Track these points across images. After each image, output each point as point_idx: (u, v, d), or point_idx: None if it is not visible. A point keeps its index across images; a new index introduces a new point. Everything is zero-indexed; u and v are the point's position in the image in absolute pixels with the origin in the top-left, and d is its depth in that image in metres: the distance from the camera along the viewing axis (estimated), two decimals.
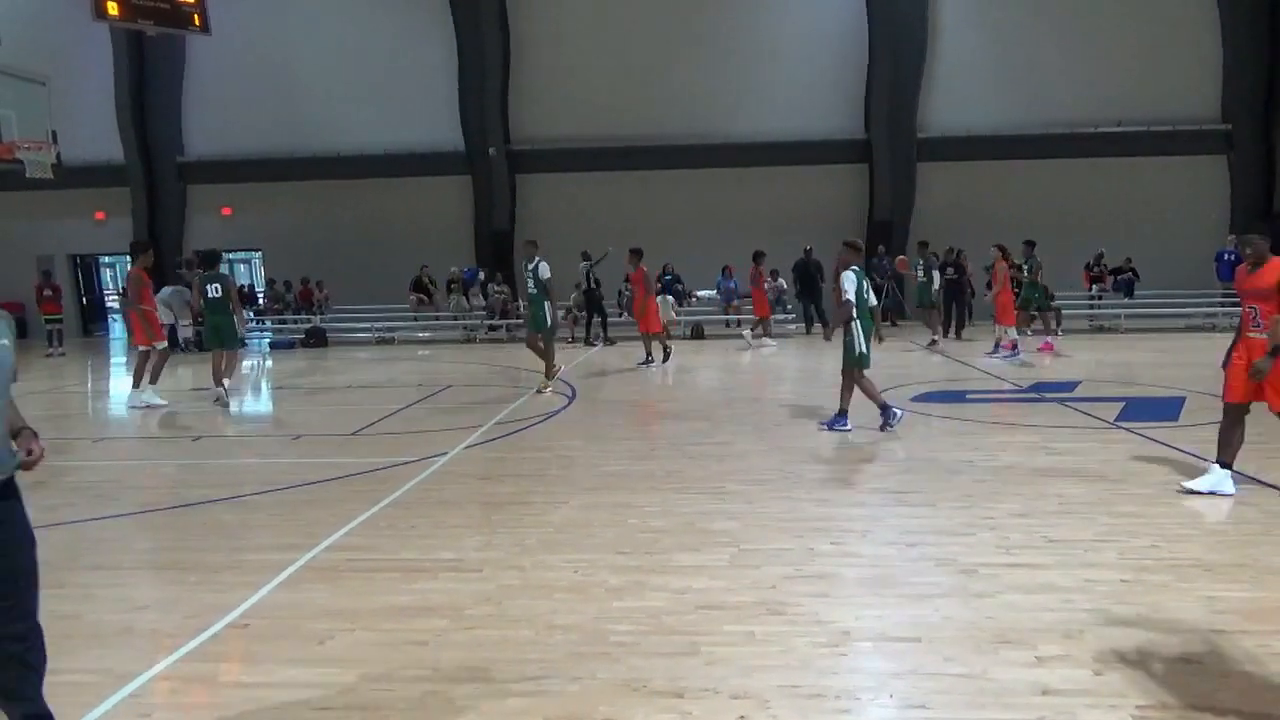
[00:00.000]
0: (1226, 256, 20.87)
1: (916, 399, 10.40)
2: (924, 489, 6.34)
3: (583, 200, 23.08)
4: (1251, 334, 5.80)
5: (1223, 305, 19.61)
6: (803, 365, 14.81)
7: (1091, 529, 5.31)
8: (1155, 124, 21.98)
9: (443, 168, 23.37)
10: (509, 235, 23.34)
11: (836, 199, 22.93)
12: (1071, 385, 11.19)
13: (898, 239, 21.84)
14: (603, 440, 8.48)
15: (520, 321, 21.17)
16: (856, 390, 8.54)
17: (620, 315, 19.29)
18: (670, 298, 19.95)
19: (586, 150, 22.90)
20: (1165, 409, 9.29)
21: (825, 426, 8.60)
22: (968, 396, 10.60)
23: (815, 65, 22.78)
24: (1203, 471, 6.18)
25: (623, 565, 4.86)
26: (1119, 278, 20.93)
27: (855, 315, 8.34)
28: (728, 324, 20.97)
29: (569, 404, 10.70)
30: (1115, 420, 8.76)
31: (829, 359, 12.67)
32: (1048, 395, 10.49)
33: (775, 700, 3.34)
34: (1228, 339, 6.19)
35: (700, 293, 21.40)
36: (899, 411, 8.55)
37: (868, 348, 8.42)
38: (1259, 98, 21.95)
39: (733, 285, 20.82)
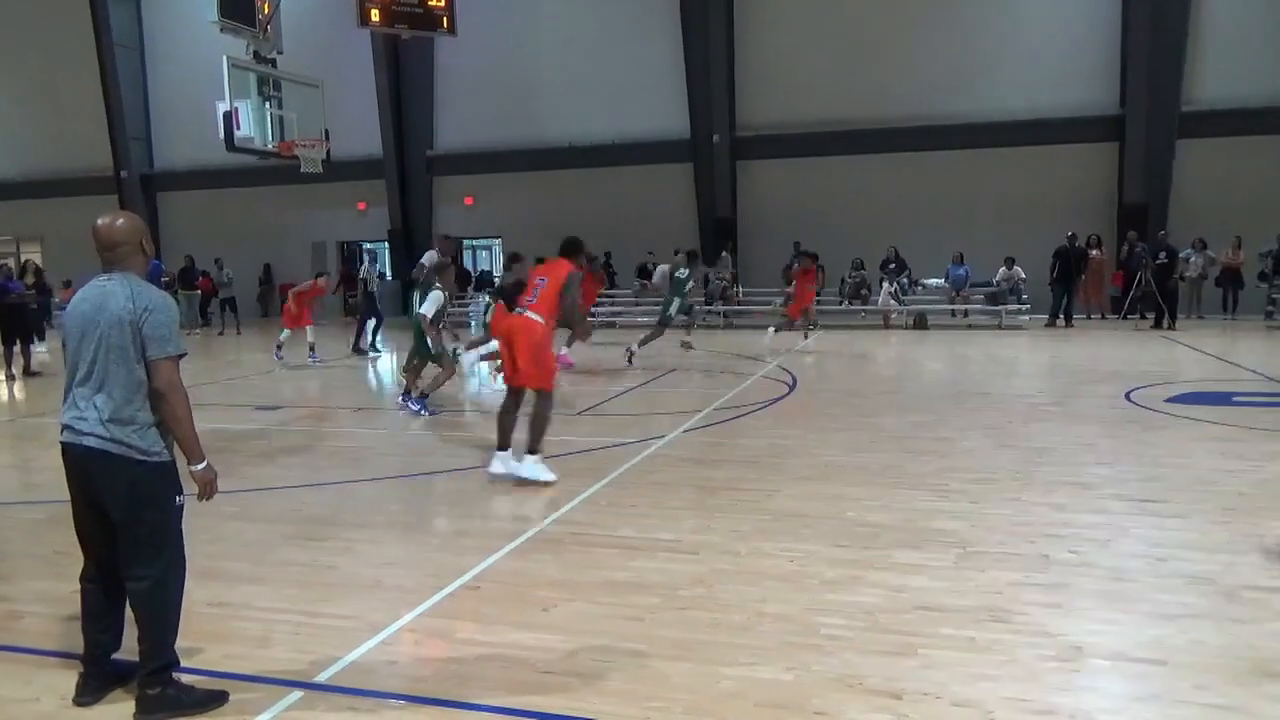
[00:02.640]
0: None
1: (1172, 400, 9.50)
2: (1174, 499, 5.79)
3: (805, 185, 22.73)
4: None
5: None
6: (1038, 358, 13.89)
7: None
8: None
9: (669, 155, 23.75)
10: (731, 222, 23.43)
11: (1082, 181, 21.20)
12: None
13: (1153, 223, 19.92)
14: (818, 431, 8.37)
15: (740, 308, 21.34)
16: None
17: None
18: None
19: (811, 135, 22.50)
20: None
21: None
22: (1235, 399, 9.54)
23: (1063, 35, 21.09)
24: None
25: (839, 558, 4.78)
26: None
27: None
28: (953, 314, 20.05)
29: (790, 392, 10.63)
30: None
31: (1069, 352, 11.83)
32: None
33: (1001, 712, 3.18)
34: None
35: (928, 281, 20.57)
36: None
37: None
38: None
39: (964, 273, 19.80)
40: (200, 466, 3.33)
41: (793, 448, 7.58)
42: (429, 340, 9.73)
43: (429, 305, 9.63)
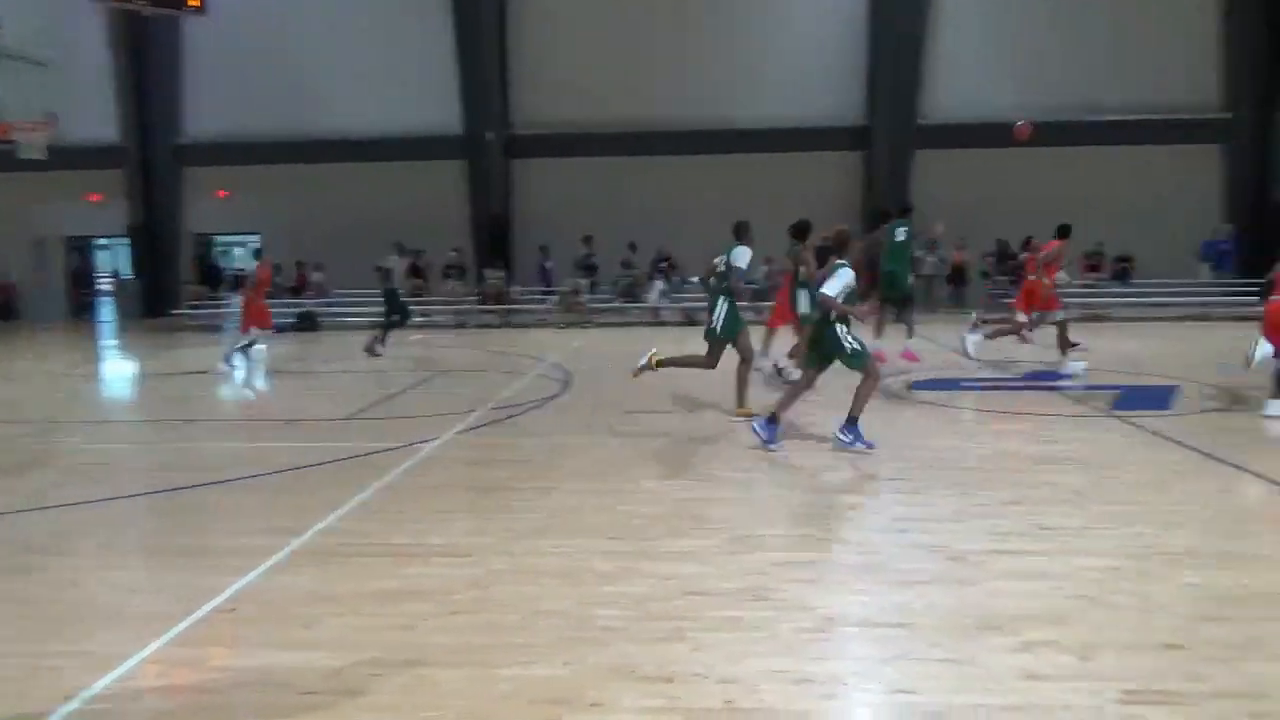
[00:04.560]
0: (1220, 245, 21.02)
1: (913, 387, 10.41)
2: (916, 477, 6.35)
3: (580, 186, 22.99)
4: None
5: (1216, 294, 19.75)
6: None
7: (1083, 517, 5.31)
8: (1156, 112, 21.95)
9: (441, 151, 23.28)
10: (505, 220, 23.30)
11: (838, 185, 22.89)
12: (1067, 374, 11.18)
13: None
14: (592, 429, 8.47)
15: (514, 308, 21.23)
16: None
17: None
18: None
19: (584, 135, 22.80)
20: (1159, 398, 9.30)
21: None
22: (962, 384, 10.61)
23: (817, 49, 22.68)
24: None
25: (612, 551, 4.86)
26: (1118, 266, 20.96)
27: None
28: None
29: (564, 390, 10.69)
30: (1110, 409, 8.77)
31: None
32: (1043, 383, 10.50)
33: (763, 685, 3.34)
34: (1224, 327, 6.20)
35: (696, 279, 21.34)
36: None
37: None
38: (1258, 87, 21.86)
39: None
40: None
41: (568, 445, 7.63)
42: (840, 335, 7.31)
43: (835, 284, 7.33)
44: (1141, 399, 9.26)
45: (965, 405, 9.18)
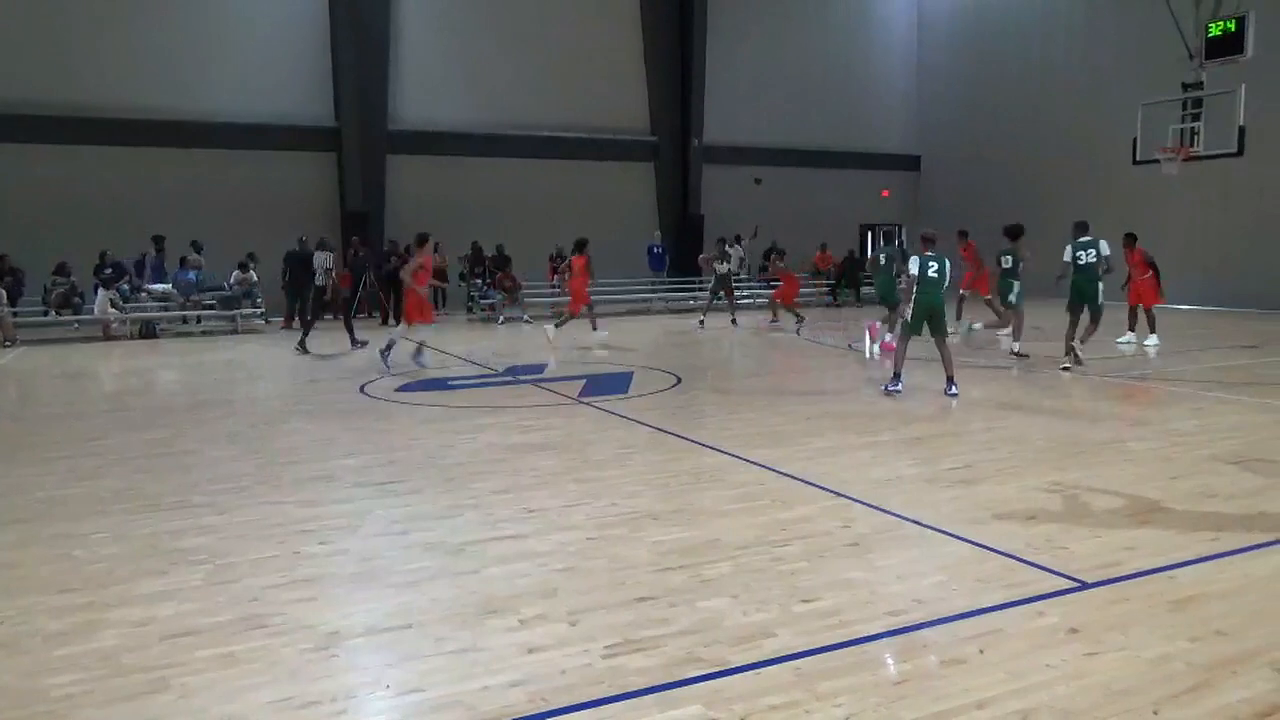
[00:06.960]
0: (655, 250, 24.65)
1: (401, 389, 10.48)
2: (412, 477, 6.40)
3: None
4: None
5: (656, 290, 23.09)
6: (279, 361, 14.03)
7: (562, 496, 5.82)
8: (602, 132, 24.90)
9: None
10: None
11: (312, 185, 22.13)
12: (541, 367, 12.18)
13: (373, 229, 21.77)
14: (29, 463, 7.14)
15: None
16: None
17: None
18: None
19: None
20: (617, 383, 10.56)
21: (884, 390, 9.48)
22: (450, 383, 10.96)
23: (278, 47, 21.64)
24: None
25: (66, 606, 4.13)
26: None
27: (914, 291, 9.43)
28: (185, 320, 19.08)
29: None
30: (578, 396, 9.72)
31: (308, 355, 12.21)
32: (522, 377, 11.29)
33: (265, 719, 3.11)
34: (666, 319, 7.21)
35: (153, 286, 19.05)
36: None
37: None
38: (674, 117, 25.94)
39: (192, 277, 18.86)
40: None
41: None
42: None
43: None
44: (603, 385, 10.43)
45: (451, 403, 9.50)
